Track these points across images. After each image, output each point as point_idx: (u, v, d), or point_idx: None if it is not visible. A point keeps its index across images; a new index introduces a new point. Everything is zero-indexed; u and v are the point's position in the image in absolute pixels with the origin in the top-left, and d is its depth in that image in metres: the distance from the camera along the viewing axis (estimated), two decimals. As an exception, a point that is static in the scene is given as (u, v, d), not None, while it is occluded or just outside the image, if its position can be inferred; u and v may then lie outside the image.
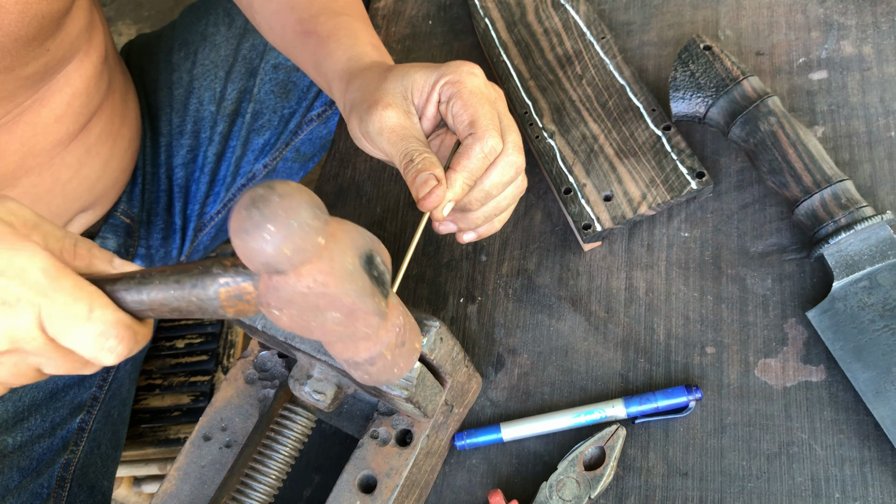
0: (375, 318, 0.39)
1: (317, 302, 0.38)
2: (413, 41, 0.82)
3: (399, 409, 0.54)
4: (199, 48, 0.89)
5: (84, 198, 0.76)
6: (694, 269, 0.62)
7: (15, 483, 0.73)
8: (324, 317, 0.38)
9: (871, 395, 0.52)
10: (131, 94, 0.83)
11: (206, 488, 0.57)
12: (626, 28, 0.74)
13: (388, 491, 0.53)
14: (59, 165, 0.72)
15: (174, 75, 0.88)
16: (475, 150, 0.51)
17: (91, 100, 0.73)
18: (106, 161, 0.77)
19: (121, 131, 0.79)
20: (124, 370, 0.87)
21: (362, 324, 0.39)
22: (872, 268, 0.55)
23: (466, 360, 0.57)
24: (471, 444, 0.59)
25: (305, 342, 0.51)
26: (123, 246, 0.83)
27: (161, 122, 0.88)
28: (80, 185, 0.75)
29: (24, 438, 0.75)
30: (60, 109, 0.70)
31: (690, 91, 0.61)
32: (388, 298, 0.40)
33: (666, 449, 0.56)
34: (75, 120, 0.71)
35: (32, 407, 0.77)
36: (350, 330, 0.39)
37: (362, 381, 0.44)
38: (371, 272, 0.39)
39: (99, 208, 0.80)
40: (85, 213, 0.78)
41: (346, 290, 0.37)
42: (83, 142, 0.73)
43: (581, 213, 0.63)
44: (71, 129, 0.71)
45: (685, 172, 0.62)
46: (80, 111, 0.71)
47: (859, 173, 0.61)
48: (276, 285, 0.37)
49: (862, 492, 0.52)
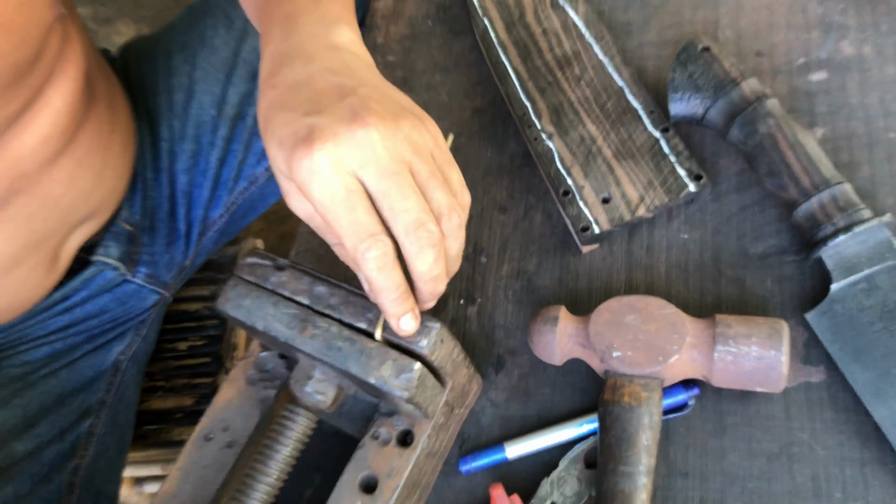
0: None
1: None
2: (412, 41, 0.82)
3: (400, 409, 0.54)
4: (198, 51, 0.88)
5: (81, 210, 0.75)
6: (693, 271, 0.62)
7: (26, 490, 0.73)
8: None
9: (871, 397, 0.53)
10: (119, 98, 0.82)
11: (207, 488, 0.58)
12: (625, 28, 0.74)
13: (389, 491, 0.53)
14: (50, 182, 0.70)
15: (174, 79, 0.88)
16: (366, 273, 0.46)
17: (75, 114, 0.71)
18: (99, 171, 0.76)
19: (112, 138, 0.78)
20: (130, 374, 0.87)
21: None
22: (871, 270, 0.55)
23: (467, 362, 0.57)
24: (476, 468, 0.60)
25: (307, 343, 0.52)
26: (127, 254, 0.82)
27: (161, 126, 0.87)
28: (75, 199, 0.74)
29: (34, 444, 0.75)
30: (45, 131, 0.67)
31: (689, 92, 0.61)
32: None
33: (666, 449, 0.56)
34: (61, 137, 0.69)
35: (41, 412, 0.77)
36: None
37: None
38: None
39: (98, 218, 0.79)
40: (84, 225, 0.77)
41: None
42: (72, 155, 0.72)
43: (579, 215, 0.63)
44: (58, 146, 0.69)
45: (683, 175, 0.62)
46: (65, 128, 0.69)
47: (859, 175, 0.61)
48: None
49: (862, 492, 0.52)
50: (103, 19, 2.08)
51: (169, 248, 0.89)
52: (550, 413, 0.60)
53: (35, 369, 0.78)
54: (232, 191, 0.90)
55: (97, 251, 0.80)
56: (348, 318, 0.52)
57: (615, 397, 0.53)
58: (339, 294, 0.53)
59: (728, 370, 0.52)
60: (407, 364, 0.50)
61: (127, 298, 0.85)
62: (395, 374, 0.50)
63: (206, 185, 0.89)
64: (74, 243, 0.77)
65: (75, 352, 0.81)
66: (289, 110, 0.46)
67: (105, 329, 0.84)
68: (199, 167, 0.88)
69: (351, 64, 0.49)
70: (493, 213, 0.70)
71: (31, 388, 0.77)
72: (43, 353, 0.79)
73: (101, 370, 0.84)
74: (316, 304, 0.53)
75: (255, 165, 0.90)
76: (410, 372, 0.49)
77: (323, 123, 0.44)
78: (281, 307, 0.53)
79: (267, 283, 0.54)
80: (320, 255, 0.74)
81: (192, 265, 0.93)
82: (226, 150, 0.89)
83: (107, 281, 0.82)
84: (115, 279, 0.82)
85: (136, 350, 0.88)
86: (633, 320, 0.54)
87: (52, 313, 0.79)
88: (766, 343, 0.51)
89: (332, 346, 0.51)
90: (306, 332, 0.52)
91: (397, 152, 0.45)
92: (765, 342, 0.51)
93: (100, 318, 0.83)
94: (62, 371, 0.80)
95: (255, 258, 0.56)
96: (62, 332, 0.80)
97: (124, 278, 0.83)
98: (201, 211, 0.90)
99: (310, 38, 0.50)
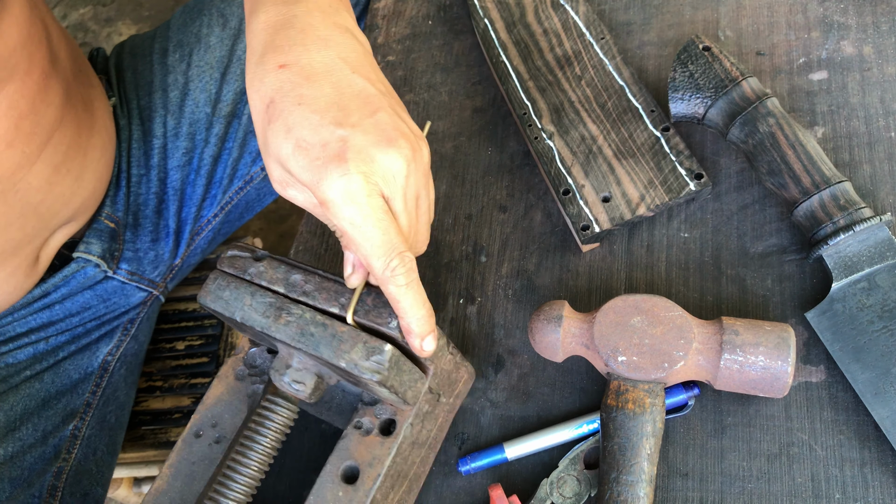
0: None
1: None
2: (413, 41, 0.82)
3: (377, 395, 0.54)
4: (193, 49, 0.88)
5: (61, 214, 0.74)
6: (694, 270, 0.62)
7: (6, 495, 0.72)
8: None
9: (870, 396, 0.52)
10: (99, 100, 0.81)
11: (196, 484, 0.58)
12: (626, 28, 0.74)
13: (371, 481, 0.53)
14: (27, 190, 0.68)
15: (169, 77, 0.88)
16: (394, 293, 0.47)
17: (42, 118, 0.68)
18: (78, 176, 0.75)
19: (91, 142, 0.76)
20: (119, 374, 0.87)
21: None
22: (871, 269, 0.55)
23: (451, 348, 0.56)
24: (476, 468, 0.59)
25: (281, 331, 0.51)
26: (108, 250, 0.82)
27: (155, 124, 0.87)
28: (54, 204, 0.72)
29: (16, 449, 0.75)
30: (9, 135, 0.65)
31: (689, 92, 0.61)
32: None
33: (666, 450, 0.56)
34: (29, 141, 0.67)
35: (24, 416, 0.76)
36: None
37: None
38: None
39: (79, 219, 0.78)
40: (65, 227, 0.76)
41: None
42: (49, 161, 0.70)
43: (579, 214, 0.63)
44: (27, 151, 0.67)
45: (683, 174, 0.62)
46: (32, 132, 0.67)
47: (859, 174, 0.61)
48: None
49: (862, 493, 0.52)
50: (104, 19, 2.08)
51: (154, 244, 0.88)
52: (550, 413, 0.60)
53: (18, 371, 0.77)
54: (227, 190, 0.90)
55: (78, 248, 0.80)
56: (322, 304, 0.52)
57: (619, 403, 0.53)
58: (314, 280, 0.53)
59: (733, 377, 0.52)
60: (378, 346, 0.49)
61: (109, 295, 0.84)
62: (366, 357, 0.49)
63: (200, 182, 0.89)
64: (55, 244, 0.76)
65: (59, 352, 0.81)
66: (312, 111, 0.45)
67: (89, 328, 0.84)
68: (193, 165, 0.88)
69: (364, 58, 0.49)
70: (493, 213, 0.69)
71: (14, 392, 0.76)
72: (26, 355, 0.78)
73: (87, 372, 0.83)
74: (291, 291, 0.53)
75: (250, 164, 0.90)
76: (381, 354, 0.49)
77: (357, 142, 0.44)
78: (258, 297, 0.53)
79: (245, 275, 0.54)
80: (320, 253, 0.74)
81: (184, 264, 0.92)
82: (220, 149, 0.88)
83: (87, 277, 0.81)
84: (96, 275, 0.82)
85: (124, 350, 0.87)
86: (638, 322, 0.54)
87: (31, 310, 0.78)
88: (773, 353, 0.51)
89: (305, 333, 0.51)
90: (280, 320, 0.52)
91: (419, 180, 0.47)
92: (772, 352, 0.51)
93: (81, 315, 0.82)
94: (46, 374, 0.79)
95: (236, 251, 0.56)
96: (43, 331, 0.80)
97: (105, 274, 0.83)
98: (194, 209, 0.89)
99: (319, 13, 0.48)
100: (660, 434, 0.53)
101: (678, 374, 0.53)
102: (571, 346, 0.56)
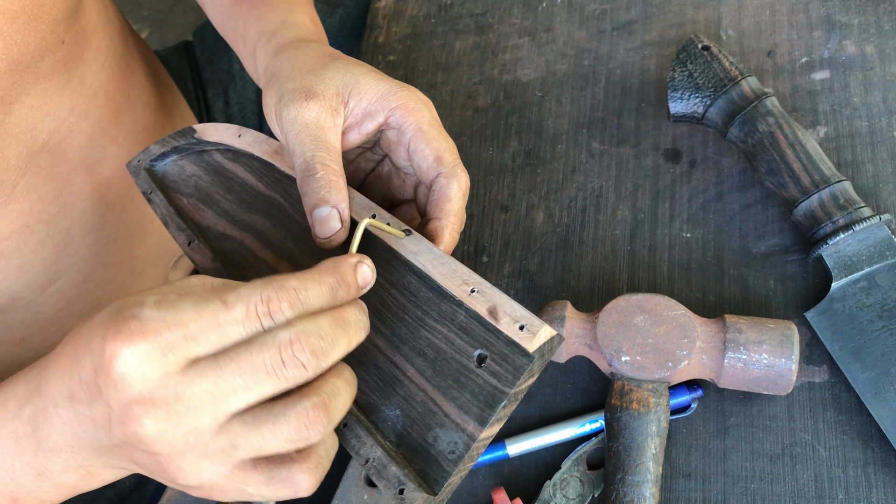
0: None
1: None
2: (414, 41, 0.82)
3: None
4: (228, 86, 0.88)
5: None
6: (696, 270, 0.61)
7: None
8: None
9: (871, 396, 0.52)
10: (165, 84, 0.81)
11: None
12: (627, 28, 0.73)
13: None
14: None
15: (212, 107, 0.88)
16: (452, 190, 0.48)
17: (116, 94, 0.68)
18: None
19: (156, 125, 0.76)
20: None
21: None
22: (871, 268, 0.55)
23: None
24: (477, 464, 0.59)
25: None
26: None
27: (229, 99, 0.87)
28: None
29: None
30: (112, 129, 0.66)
31: (688, 91, 0.61)
32: None
33: (669, 450, 0.56)
34: (103, 113, 0.67)
35: None
36: None
37: None
38: None
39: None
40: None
41: None
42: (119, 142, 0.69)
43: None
44: (104, 124, 0.67)
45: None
46: (105, 108, 0.67)
47: (861, 174, 0.60)
48: None
49: (865, 493, 0.51)
50: (107, 20, 2.08)
51: None
52: (552, 413, 0.60)
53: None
54: None
55: None
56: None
57: (623, 403, 0.53)
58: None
59: (737, 376, 0.52)
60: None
61: None
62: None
63: None
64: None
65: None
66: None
67: None
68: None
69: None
70: (494, 213, 0.69)
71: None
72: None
73: None
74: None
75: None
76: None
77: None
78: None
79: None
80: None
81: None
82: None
83: None
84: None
85: None
86: (641, 322, 0.54)
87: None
88: (776, 351, 0.51)
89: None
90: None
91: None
92: (776, 350, 0.51)
93: None
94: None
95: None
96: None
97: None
98: None
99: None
100: (664, 434, 0.53)
101: (682, 373, 0.53)
102: (574, 347, 0.56)
